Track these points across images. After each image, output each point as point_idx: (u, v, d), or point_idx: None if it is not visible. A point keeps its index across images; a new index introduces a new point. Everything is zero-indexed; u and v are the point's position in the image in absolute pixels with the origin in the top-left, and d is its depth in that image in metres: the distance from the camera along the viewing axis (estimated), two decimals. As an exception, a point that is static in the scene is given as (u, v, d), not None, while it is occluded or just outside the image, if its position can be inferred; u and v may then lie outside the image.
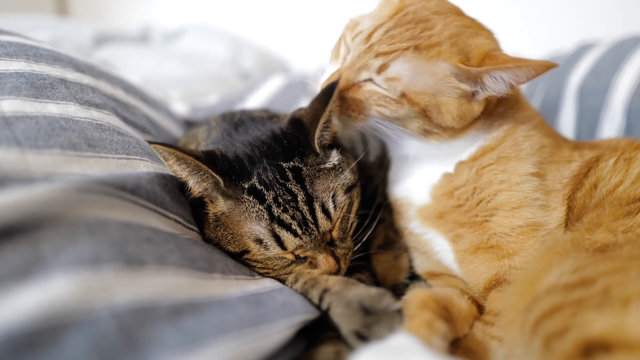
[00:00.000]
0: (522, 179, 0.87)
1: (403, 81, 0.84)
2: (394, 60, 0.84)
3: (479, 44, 0.85)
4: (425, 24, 0.85)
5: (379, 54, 0.84)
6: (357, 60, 0.87)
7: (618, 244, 0.70)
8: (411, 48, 0.83)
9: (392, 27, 0.85)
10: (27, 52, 0.91)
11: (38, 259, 0.53)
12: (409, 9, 0.87)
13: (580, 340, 0.51)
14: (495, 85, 0.83)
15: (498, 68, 0.80)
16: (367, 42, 0.86)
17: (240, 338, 0.61)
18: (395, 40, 0.84)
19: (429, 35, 0.84)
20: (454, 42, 0.84)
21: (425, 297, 0.75)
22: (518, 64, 0.79)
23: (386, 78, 0.85)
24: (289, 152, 0.89)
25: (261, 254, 0.86)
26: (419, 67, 0.84)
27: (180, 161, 0.84)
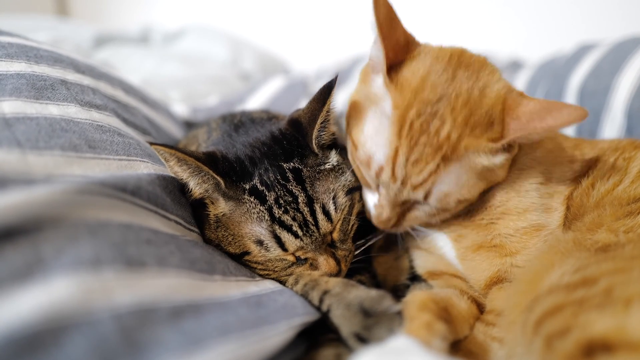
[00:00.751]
0: (532, 187, 0.86)
1: (453, 193, 0.81)
2: (433, 186, 0.79)
3: (493, 98, 0.79)
4: (435, 122, 0.77)
5: (415, 187, 0.80)
6: (396, 197, 0.83)
7: (620, 244, 0.70)
8: (441, 164, 0.77)
9: (409, 152, 0.78)
10: (27, 53, 0.91)
11: (39, 260, 0.53)
12: (411, 115, 0.77)
13: (582, 340, 0.51)
14: (528, 140, 0.80)
15: (527, 134, 0.76)
16: (396, 181, 0.80)
17: (240, 340, 0.61)
18: (422, 165, 0.77)
19: (447, 134, 0.76)
20: (472, 124, 0.77)
21: (425, 299, 0.75)
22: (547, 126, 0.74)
23: (436, 200, 0.81)
24: (288, 153, 0.89)
25: (262, 255, 0.86)
26: (456, 171, 0.79)
27: (181, 162, 0.84)
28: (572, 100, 1.47)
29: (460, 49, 0.86)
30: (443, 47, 0.86)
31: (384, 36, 0.79)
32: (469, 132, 0.76)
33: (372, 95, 0.84)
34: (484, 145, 0.76)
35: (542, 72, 1.69)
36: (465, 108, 0.76)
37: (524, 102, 0.77)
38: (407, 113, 0.77)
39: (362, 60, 2.16)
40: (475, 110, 0.77)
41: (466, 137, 0.76)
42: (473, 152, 0.77)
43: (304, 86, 2.01)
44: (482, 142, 0.76)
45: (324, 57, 2.57)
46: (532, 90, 1.65)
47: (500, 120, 0.77)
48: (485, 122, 0.77)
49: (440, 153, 0.76)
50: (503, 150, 0.79)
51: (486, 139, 0.76)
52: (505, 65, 1.98)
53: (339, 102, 1.96)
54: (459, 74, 0.80)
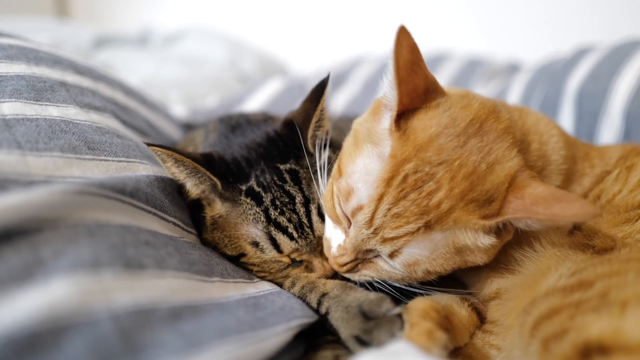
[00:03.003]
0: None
1: (422, 263, 0.73)
2: (405, 246, 0.72)
3: (501, 177, 0.71)
4: (430, 184, 0.70)
5: (386, 239, 0.72)
6: (363, 244, 0.75)
7: (616, 248, 0.70)
8: (422, 229, 0.70)
9: (393, 203, 0.70)
10: (27, 55, 0.91)
11: (38, 261, 0.53)
12: (407, 169, 0.70)
13: (579, 343, 0.51)
14: (526, 226, 0.70)
15: (527, 217, 0.68)
16: (371, 227, 0.73)
17: (238, 341, 0.61)
18: (402, 222, 0.70)
19: (438, 202, 0.69)
20: (469, 199, 0.70)
21: (426, 307, 0.75)
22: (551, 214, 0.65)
23: (402, 264, 0.74)
24: (284, 154, 0.90)
25: (257, 257, 0.87)
26: (435, 240, 0.72)
27: (178, 163, 0.85)
28: (570, 103, 1.47)
29: (487, 113, 0.76)
30: (469, 105, 0.76)
31: (401, 81, 0.71)
32: (462, 205, 0.69)
33: (375, 133, 0.77)
34: (474, 221, 0.69)
35: (540, 75, 1.69)
36: (465, 181, 0.69)
37: (534, 184, 0.69)
38: (404, 165, 0.71)
39: (361, 62, 2.17)
40: (476, 185, 0.70)
41: (458, 210, 0.69)
42: (460, 227, 0.70)
43: (302, 87, 2.01)
44: (473, 219, 0.69)
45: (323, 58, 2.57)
46: (530, 94, 1.66)
47: (502, 198, 0.70)
48: (484, 199, 0.70)
49: (426, 218, 0.69)
50: (494, 233, 0.72)
51: (478, 215, 0.70)
52: (503, 67, 1.99)
53: (338, 103, 1.97)
54: (471, 142, 0.72)
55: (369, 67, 2.10)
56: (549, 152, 0.85)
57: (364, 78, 2.05)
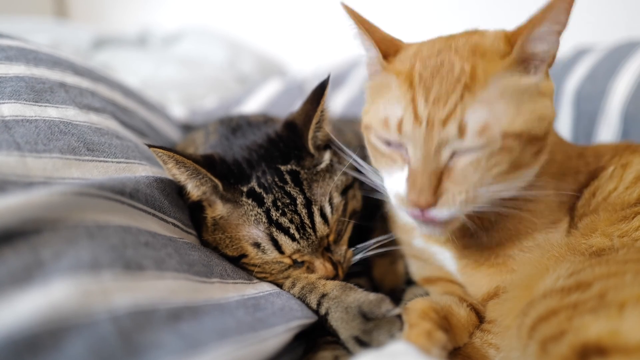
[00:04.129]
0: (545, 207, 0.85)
1: (493, 123, 0.68)
2: (464, 113, 0.68)
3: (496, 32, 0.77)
4: (444, 67, 0.72)
5: (445, 119, 0.68)
6: (429, 144, 0.69)
7: (614, 248, 0.71)
8: (465, 94, 0.69)
9: (426, 94, 0.70)
10: (26, 56, 0.91)
11: (38, 263, 0.53)
12: (417, 70, 0.73)
13: (576, 344, 0.51)
14: (547, 46, 0.73)
15: (534, 27, 0.70)
16: (422, 122, 0.69)
17: (238, 342, 0.61)
18: (444, 99, 0.69)
19: (460, 69, 0.71)
20: (480, 53, 0.72)
21: (426, 307, 0.75)
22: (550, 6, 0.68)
23: (475, 133, 0.68)
24: (285, 155, 0.90)
25: (259, 258, 0.87)
26: (486, 100, 0.69)
27: (179, 165, 0.85)
28: (568, 104, 1.48)
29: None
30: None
31: (368, 31, 0.81)
32: (479, 59, 0.71)
33: (378, 84, 0.82)
34: (500, 63, 0.71)
35: (538, 76, 1.69)
36: (467, 45, 0.74)
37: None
38: (413, 70, 0.74)
39: (360, 63, 2.17)
40: (478, 45, 0.74)
41: (481, 63, 0.71)
42: (494, 75, 0.70)
43: (301, 88, 2.01)
44: (498, 61, 0.71)
45: (322, 59, 2.58)
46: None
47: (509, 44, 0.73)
48: (494, 51, 0.73)
49: (460, 84, 0.69)
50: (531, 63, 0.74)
51: (499, 58, 0.71)
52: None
53: (337, 104, 1.97)
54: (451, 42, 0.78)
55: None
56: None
57: (362, 79, 2.05)
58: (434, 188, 0.69)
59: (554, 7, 0.69)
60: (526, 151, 0.71)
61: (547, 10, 0.69)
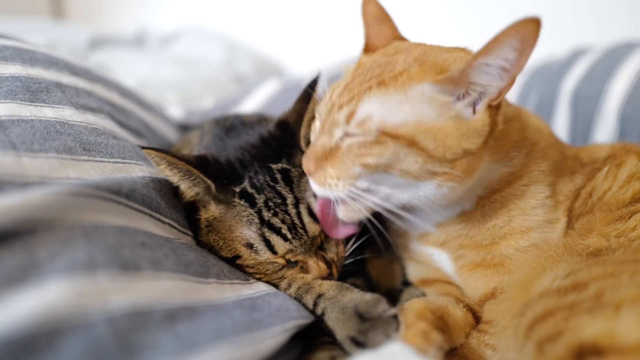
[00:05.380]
0: (539, 203, 0.85)
1: (375, 119, 0.73)
2: (359, 103, 0.74)
3: (454, 55, 0.77)
4: (386, 65, 0.77)
5: (342, 104, 0.77)
6: (325, 123, 0.79)
7: (611, 248, 0.71)
8: (374, 86, 0.74)
9: (350, 82, 0.79)
10: (22, 56, 0.91)
11: (34, 263, 0.53)
12: (365, 63, 0.82)
13: (573, 345, 0.51)
14: (488, 79, 0.70)
15: (478, 56, 0.68)
16: (329, 103, 0.80)
17: (235, 343, 0.61)
18: (355, 87, 0.77)
19: (393, 68, 0.76)
20: (423, 61, 0.75)
21: (422, 308, 0.75)
22: (496, 40, 0.66)
23: (357, 123, 0.74)
24: (277, 154, 0.90)
25: (252, 258, 0.86)
26: (390, 99, 0.73)
27: (172, 166, 0.84)
28: (565, 105, 1.48)
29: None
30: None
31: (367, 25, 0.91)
32: (417, 68, 0.74)
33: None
34: (429, 77, 0.72)
35: (535, 77, 1.70)
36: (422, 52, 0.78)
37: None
38: (364, 63, 0.83)
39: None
40: (432, 56, 0.77)
41: (413, 69, 0.74)
42: (416, 84, 0.72)
43: (298, 89, 2.00)
44: (429, 76, 0.72)
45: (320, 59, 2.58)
46: (525, 95, 1.66)
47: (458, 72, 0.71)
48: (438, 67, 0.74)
49: (378, 79, 0.75)
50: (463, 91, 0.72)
51: (434, 74, 0.72)
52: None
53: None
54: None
55: (365, 68, 2.10)
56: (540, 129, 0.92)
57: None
58: (318, 160, 0.79)
59: (499, 41, 0.66)
60: (410, 159, 0.73)
61: (491, 43, 0.67)
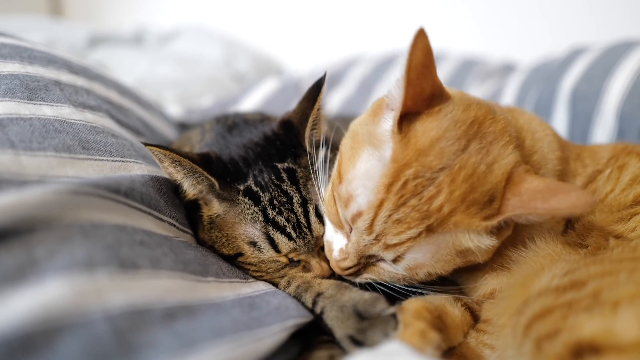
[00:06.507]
0: None
1: (424, 266, 0.74)
2: (408, 252, 0.72)
3: (498, 175, 0.71)
4: (430, 189, 0.69)
5: (389, 246, 0.72)
6: (365, 249, 0.76)
7: (609, 248, 0.71)
8: (423, 233, 0.70)
9: (394, 210, 0.70)
10: (21, 54, 0.91)
11: (32, 262, 0.53)
12: (407, 174, 0.69)
13: (571, 343, 0.52)
14: (526, 221, 0.70)
15: (527, 213, 0.68)
16: (371, 233, 0.73)
17: (233, 341, 0.61)
18: (404, 228, 0.70)
19: (439, 206, 0.69)
20: (470, 201, 0.69)
21: (419, 307, 0.75)
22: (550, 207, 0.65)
23: (405, 268, 0.75)
24: (282, 153, 0.90)
25: (255, 256, 0.87)
26: (437, 243, 0.72)
27: (176, 163, 0.84)
28: (564, 103, 1.48)
29: (484, 113, 0.76)
30: (469, 108, 0.76)
31: (409, 82, 0.70)
32: (463, 208, 0.69)
33: (375, 135, 0.77)
34: (476, 224, 0.69)
35: (534, 76, 1.70)
36: (465, 183, 0.69)
37: (529, 179, 0.70)
38: (404, 170, 0.70)
39: (356, 62, 2.17)
40: (476, 187, 0.70)
41: (459, 213, 0.69)
42: (462, 230, 0.70)
43: (297, 87, 2.01)
44: (475, 221, 0.69)
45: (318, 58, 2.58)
46: (524, 94, 1.67)
47: (500, 196, 0.70)
48: (484, 200, 0.70)
49: (427, 222, 0.69)
50: (493, 233, 0.72)
51: (480, 217, 0.69)
52: (497, 68, 2.00)
53: (333, 103, 1.97)
54: (471, 145, 0.72)
55: (364, 67, 2.11)
56: (545, 151, 0.86)
57: (359, 78, 2.05)
58: (352, 272, 0.80)
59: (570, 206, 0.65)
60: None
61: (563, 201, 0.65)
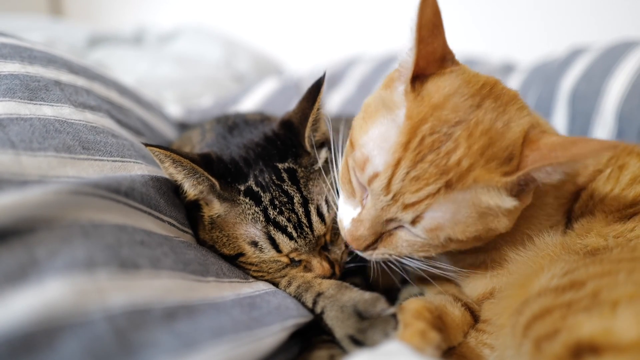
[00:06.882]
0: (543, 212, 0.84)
1: (445, 227, 0.71)
2: (427, 210, 0.70)
3: (517, 132, 0.70)
4: (448, 144, 0.68)
5: (407, 205, 0.71)
6: (382, 213, 0.73)
7: (608, 248, 0.71)
8: (442, 190, 0.68)
9: (411, 166, 0.69)
10: (21, 54, 0.91)
11: (33, 262, 0.53)
12: (423, 130, 0.69)
13: (570, 343, 0.52)
14: (548, 177, 0.69)
15: (548, 164, 0.67)
16: (389, 193, 0.71)
17: (234, 341, 0.61)
18: (422, 184, 0.69)
19: (457, 160, 0.68)
20: (488, 155, 0.68)
21: (419, 307, 0.75)
22: (571, 155, 0.64)
23: (425, 230, 0.72)
24: (282, 153, 0.90)
25: (256, 256, 0.87)
26: (457, 201, 0.70)
27: (177, 164, 0.84)
28: (563, 103, 1.48)
29: (495, 80, 0.77)
30: (478, 74, 0.77)
31: (421, 39, 0.71)
32: (483, 163, 0.68)
33: (389, 101, 0.77)
34: (496, 179, 0.67)
35: (534, 76, 1.70)
36: (484, 137, 0.68)
37: (547, 135, 0.70)
38: (420, 126, 0.69)
39: (356, 62, 2.17)
40: (494, 141, 0.69)
41: (478, 168, 0.68)
42: (482, 186, 0.68)
43: (297, 87, 2.01)
44: (495, 177, 0.68)
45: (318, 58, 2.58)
46: (524, 94, 1.66)
47: (519, 154, 0.69)
48: (504, 157, 0.69)
49: (446, 177, 0.68)
50: (515, 194, 0.71)
51: (500, 173, 0.68)
52: (497, 68, 2.00)
53: (333, 103, 1.97)
54: (486, 103, 0.72)
55: (364, 67, 2.11)
56: None
57: (359, 78, 2.05)
58: (368, 243, 0.78)
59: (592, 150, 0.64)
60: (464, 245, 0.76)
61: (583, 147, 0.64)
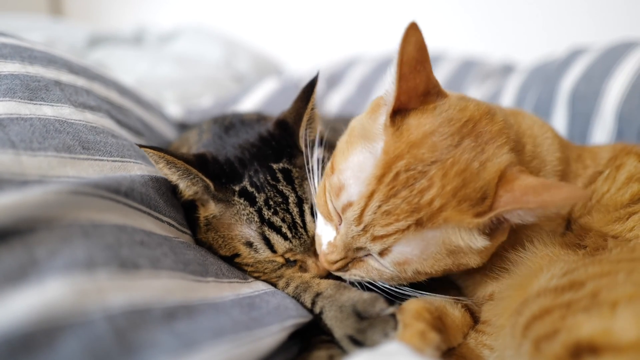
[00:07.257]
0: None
1: (412, 262, 0.72)
2: (395, 244, 0.71)
3: (492, 172, 0.70)
4: (422, 182, 0.69)
5: (376, 237, 0.72)
6: (352, 241, 0.75)
7: (607, 248, 0.71)
8: (412, 227, 0.69)
9: (384, 200, 0.70)
10: (21, 54, 0.91)
11: (33, 262, 0.53)
12: (399, 166, 0.69)
13: (569, 343, 0.52)
14: (520, 219, 0.68)
15: (519, 208, 0.66)
16: (360, 223, 0.72)
17: (233, 341, 0.61)
18: (392, 220, 0.69)
19: (430, 200, 0.68)
20: (461, 196, 0.68)
21: (419, 308, 0.75)
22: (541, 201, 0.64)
23: (392, 262, 0.73)
24: (277, 153, 0.90)
25: (251, 257, 0.87)
26: (426, 239, 0.71)
27: (170, 165, 0.84)
28: (563, 104, 1.48)
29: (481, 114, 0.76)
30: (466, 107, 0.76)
31: (402, 76, 0.71)
32: (455, 204, 0.68)
33: (369, 130, 0.77)
34: (467, 221, 0.68)
35: (533, 76, 1.70)
36: (458, 178, 0.69)
37: (522, 177, 0.69)
38: (396, 162, 0.70)
39: (356, 62, 2.17)
40: (468, 182, 0.69)
41: (450, 208, 0.68)
42: (452, 226, 0.69)
43: (297, 87, 2.00)
44: (466, 218, 0.68)
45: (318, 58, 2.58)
46: (523, 94, 1.67)
47: (492, 194, 0.69)
48: (477, 198, 0.69)
49: (417, 215, 0.68)
50: (487, 233, 0.71)
51: (471, 214, 0.68)
52: (497, 68, 2.00)
53: (333, 103, 1.97)
54: (465, 142, 0.71)
55: (364, 67, 2.11)
56: (544, 154, 0.86)
57: (359, 78, 2.05)
58: (339, 266, 0.80)
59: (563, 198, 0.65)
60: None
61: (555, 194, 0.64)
